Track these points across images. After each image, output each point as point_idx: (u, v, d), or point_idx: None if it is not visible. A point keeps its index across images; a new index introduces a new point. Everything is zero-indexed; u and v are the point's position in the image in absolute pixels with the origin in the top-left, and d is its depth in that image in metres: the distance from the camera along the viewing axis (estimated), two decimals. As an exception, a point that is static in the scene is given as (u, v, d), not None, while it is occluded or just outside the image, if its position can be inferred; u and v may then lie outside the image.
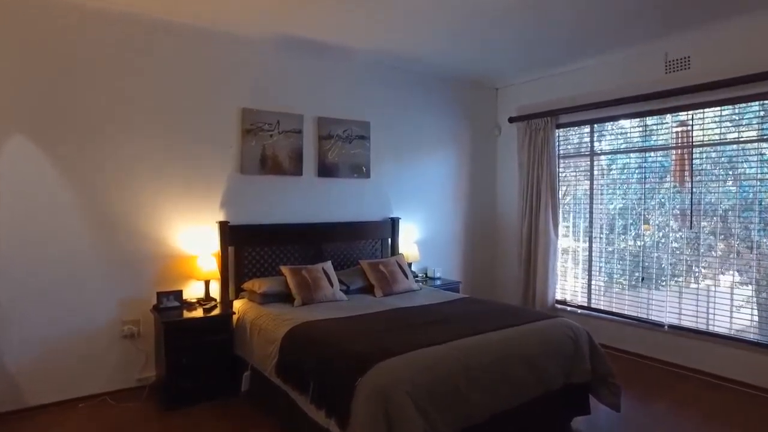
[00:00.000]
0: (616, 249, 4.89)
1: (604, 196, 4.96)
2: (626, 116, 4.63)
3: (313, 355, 2.73)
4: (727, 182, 4.10)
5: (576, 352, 3.05)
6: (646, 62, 4.38)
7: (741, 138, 4.00)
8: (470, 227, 5.71)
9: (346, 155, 4.67)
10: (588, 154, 5.05)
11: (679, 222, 4.39)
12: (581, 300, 5.13)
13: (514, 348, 2.80)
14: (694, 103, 4.14)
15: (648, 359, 4.39)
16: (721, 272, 4.17)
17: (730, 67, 3.84)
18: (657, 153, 4.53)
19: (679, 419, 3.30)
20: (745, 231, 4.01)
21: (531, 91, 5.45)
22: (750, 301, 4.04)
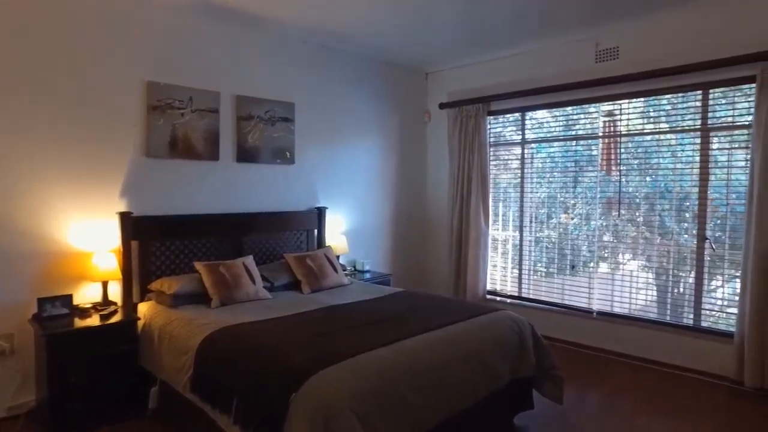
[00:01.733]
0: (546, 238, 4.90)
1: (535, 185, 4.95)
2: (557, 104, 4.62)
3: (237, 366, 2.34)
4: (648, 172, 4.20)
5: (521, 346, 2.91)
6: (578, 51, 4.37)
7: (663, 129, 4.11)
8: (400, 217, 5.49)
9: (268, 139, 4.23)
10: (519, 142, 5.00)
11: (607, 210, 4.45)
12: (511, 290, 5.11)
13: (460, 346, 2.59)
14: (621, 93, 4.19)
15: (579, 346, 4.42)
16: (644, 258, 4.28)
17: (654, 59, 3.90)
18: (586, 142, 4.56)
19: (618, 404, 3.31)
20: (664, 218, 4.14)
21: (462, 77, 5.31)
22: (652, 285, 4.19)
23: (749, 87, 3.59)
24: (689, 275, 4.02)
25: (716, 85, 3.74)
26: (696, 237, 3.92)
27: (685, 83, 3.83)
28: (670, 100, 4.06)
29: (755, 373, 3.46)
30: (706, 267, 3.90)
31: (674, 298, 4.16)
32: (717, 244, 3.84)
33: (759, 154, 3.43)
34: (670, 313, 4.16)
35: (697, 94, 3.86)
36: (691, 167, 3.95)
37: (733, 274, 3.79)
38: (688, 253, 3.99)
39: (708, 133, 3.84)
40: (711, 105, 3.82)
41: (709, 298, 3.93)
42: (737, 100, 3.74)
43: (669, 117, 4.11)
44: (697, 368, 3.80)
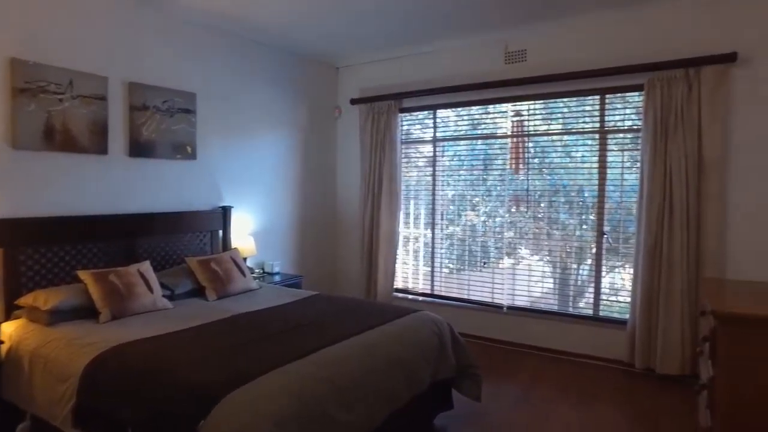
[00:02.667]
0: (456, 235, 4.97)
1: (447, 183, 4.99)
2: (468, 103, 4.69)
3: (131, 393, 2.04)
4: (552, 170, 4.40)
5: (441, 348, 2.88)
6: (488, 51, 4.46)
7: (566, 130, 4.33)
8: (310, 215, 5.28)
9: (166, 131, 3.83)
10: (431, 140, 5.02)
11: (514, 207, 4.61)
12: (423, 288, 5.12)
13: (383, 352, 2.49)
14: (528, 94, 4.35)
15: (491, 341, 4.53)
16: (548, 253, 4.49)
17: (559, 63, 4.08)
18: (495, 141, 4.68)
19: (532, 396, 3.41)
20: (566, 215, 4.36)
21: (374, 73, 5.22)
22: (556, 279, 4.44)
23: (639, 94, 3.86)
24: (588, 268, 4.28)
25: (612, 91, 3.99)
26: (594, 232, 4.17)
27: (586, 88, 4.05)
28: (571, 103, 4.28)
29: (644, 355, 3.75)
30: (603, 260, 4.17)
31: (575, 290, 4.41)
32: (612, 238, 4.12)
33: (648, 156, 3.71)
34: (572, 305, 4.40)
35: (596, 99, 4.10)
36: (590, 167, 4.19)
37: (626, 266, 4.09)
38: (588, 247, 4.25)
39: (605, 135, 4.10)
40: (608, 109, 4.08)
41: (606, 289, 4.20)
42: (629, 105, 4.03)
43: (571, 119, 4.32)
44: (597, 355, 4.05)
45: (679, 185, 3.58)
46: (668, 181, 3.64)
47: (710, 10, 3.54)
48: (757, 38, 3.39)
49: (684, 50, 3.56)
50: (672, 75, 3.58)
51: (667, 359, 3.62)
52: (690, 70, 3.54)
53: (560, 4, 3.64)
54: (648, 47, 3.73)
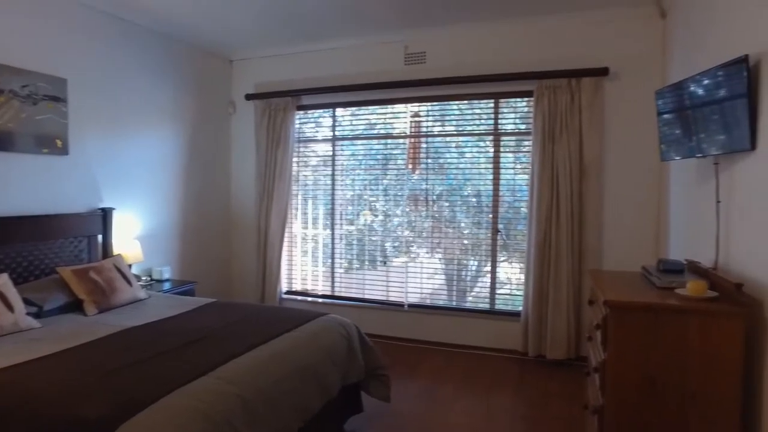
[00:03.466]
0: (355, 234, 4.95)
1: (345, 182, 4.95)
2: (368, 103, 4.68)
3: (-6, 433, 1.71)
4: (449, 171, 4.55)
5: (350, 351, 2.82)
6: (389, 52, 4.49)
7: (462, 131, 4.50)
8: (203, 217, 4.93)
9: (28, 121, 3.32)
10: (330, 139, 4.93)
11: (413, 206, 4.70)
12: (324, 289, 5.03)
13: (292, 361, 2.37)
14: (427, 96, 4.45)
15: (394, 339, 4.56)
16: (447, 251, 4.64)
17: (456, 66, 4.23)
18: (394, 141, 4.73)
19: (437, 392, 3.48)
20: (463, 214, 4.55)
21: (271, 68, 5.00)
22: (455, 276, 4.63)
23: (529, 99, 4.13)
24: (484, 265, 4.49)
25: (505, 95, 4.23)
26: (489, 230, 4.39)
27: (481, 92, 4.24)
28: (466, 106, 4.45)
29: (536, 343, 4.02)
30: (498, 256, 4.40)
31: (472, 286, 4.61)
32: (506, 235, 4.36)
33: (537, 158, 3.98)
34: (470, 301, 4.59)
35: (490, 102, 4.31)
36: (485, 167, 4.40)
37: (519, 261, 4.35)
38: (483, 244, 4.45)
39: (499, 138, 4.32)
40: (501, 113, 4.31)
41: (501, 284, 4.44)
42: (520, 110, 4.29)
43: (467, 121, 4.50)
44: (495, 346, 4.26)
45: (565, 185, 3.88)
46: (555, 181, 3.93)
47: (588, 29, 3.90)
48: (623, 57, 3.81)
49: (568, 62, 3.87)
50: (557, 84, 3.88)
51: (556, 345, 3.91)
52: (572, 80, 3.85)
53: (458, 9, 3.77)
54: (537, 57, 4.00)
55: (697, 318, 1.95)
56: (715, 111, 2.29)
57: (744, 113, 2.06)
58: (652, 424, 2.03)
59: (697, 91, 2.44)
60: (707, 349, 1.95)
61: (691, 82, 2.47)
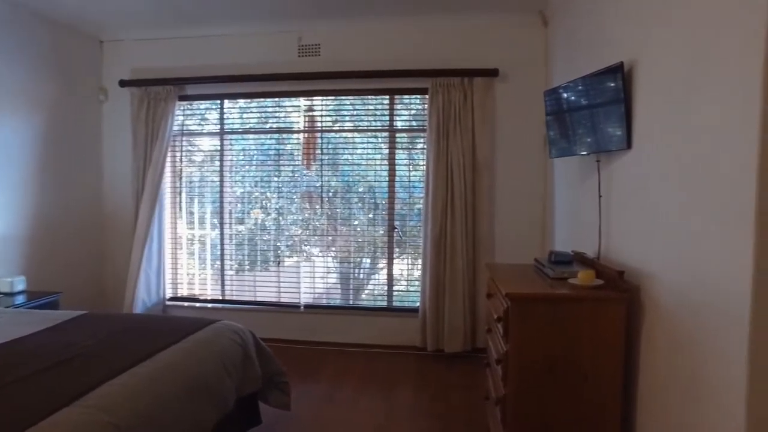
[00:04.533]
0: (247, 234, 4.68)
1: (235, 179, 4.65)
2: (259, 95, 4.44)
3: None
4: (344, 167, 4.48)
5: (245, 359, 2.61)
6: (282, 42, 4.28)
7: (358, 127, 4.45)
8: (68, 218, 4.32)
9: None
10: (218, 132, 4.60)
11: (307, 204, 4.55)
12: (213, 293, 4.69)
13: (179, 377, 2.11)
14: (322, 90, 4.32)
15: (291, 342, 4.37)
16: (342, 249, 4.55)
17: (352, 61, 4.15)
18: (288, 136, 4.55)
19: (338, 393, 3.39)
20: (358, 211, 4.50)
21: (150, 52, 4.53)
22: (351, 274, 4.59)
23: (423, 97, 4.18)
24: (381, 262, 4.48)
25: (400, 92, 4.24)
26: (385, 227, 4.39)
27: (377, 87, 4.21)
28: (364, 101, 4.41)
29: (434, 338, 4.09)
30: (395, 253, 4.41)
31: (369, 284, 4.58)
32: (402, 231, 4.39)
33: (432, 155, 4.04)
34: (367, 299, 4.55)
35: (385, 99, 4.30)
36: (380, 164, 4.38)
37: (416, 258, 4.40)
38: (379, 242, 4.44)
39: (394, 134, 4.33)
40: (397, 109, 4.32)
41: (398, 280, 4.46)
42: (416, 106, 4.34)
43: (363, 117, 4.45)
44: (394, 344, 4.26)
45: (459, 181, 3.99)
46: (450, 177, 4.02)
47: (479, 32, 4.05)
48: (511, 60, 4.01)
49: (461, 61, 3.99)
50: (451, 82, 3.97)
51: (453, 339, 4.01)
52: (465, 79, 3.97)
53: (353, 3, 3.70)
54: (432, 55, 4.06)
55: (589, 305, 2.08)
56: (596, 113, 2.47)
57: (621, 115, 2.23)
58: (551, 408, 2.12)
59: (579, 94, 2.61)
60: (596, 332, 2.08)
61: (574, 86, 2.64)
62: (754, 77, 1.39)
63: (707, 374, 1.61)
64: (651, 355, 2.03)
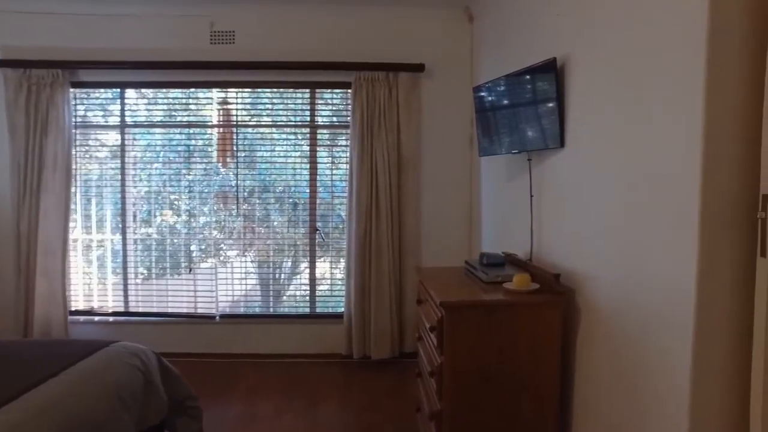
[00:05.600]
0: (154, 238, 4.23)
1: (140, 177, 4.18)
2: (167, 84, 4.01)
3: None
4: (263, 165, 4.16)
5: (148, 387, 2.26)
6: (192, 27, 3.86)
7: (277, 122, 4.15)
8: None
9: None
10: (118, 125, 4.09)
11: (222, 204, 4.19)
12: (114, 305, 4.17)
13: (58, 419, 1.74)
14: (237, 81, 3.99)
15: (205, 356, 3.97)
16: (261, 253, 4.24)
17: (270, 51, 3.85)
18: (200, 130, 4.15)
19: (259, 410, 3.12)
20: (278, 211, 4.21)
21: (30, 28, 3.89)
22: (270, 280, 4.31)
23: (347, 91, 3.98)
24: (302, 266, 4.22)
25: (322, 86, 4.01)
26: (307, 229, 4.13)
27: (297, 80, 3.95)
28: (283, 95, 4.12)
29: (360, 344, 3.90)
30: (317, 256, 4.17)
31: (290, 290, 4.31)
32: (324, 233, 4.15)
33: (356, 152, 3.85)
34: (289, 305, 4.27)
35: (306, 92, 4.04)
36: (301, 162, 4.12)
37: (338, 260, 4.19)
38: (301, 244, 4.18)
39: (315, 130, 4.08)
40: (318, 103, 4.08)
41: (321, 285, 4.22)
42: (338, 102, 4.12)
43: (282, 111, 4.16)
44: (318, 352, 4.01)
45: (384, 180, 3.83)
46: (374, 176, 3.85)
47: (404, 25, 3.91)
48: (437, 55, 3.90)
49: (386, 55, 3.82)
50: (375, 76, 3.80)
51: (380, 345, 3.85)
52: (390, 74, 3.81)
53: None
54: (356, 48, 3.86)
55: (526, 310, 1.98)
56: (528, 110, 2.40)
57: (553, 113, 2.16)
58: (490, 421, 2.01)
59: (510, 90, 2.54)
60: (534, 339, 2.00)
61: (504, 82, 2.55)
62: (698, 71, 1.32)
63: (649, 381, 1.55)
64: (588, 361, 1.97)
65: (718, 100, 1.30)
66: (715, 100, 1.30)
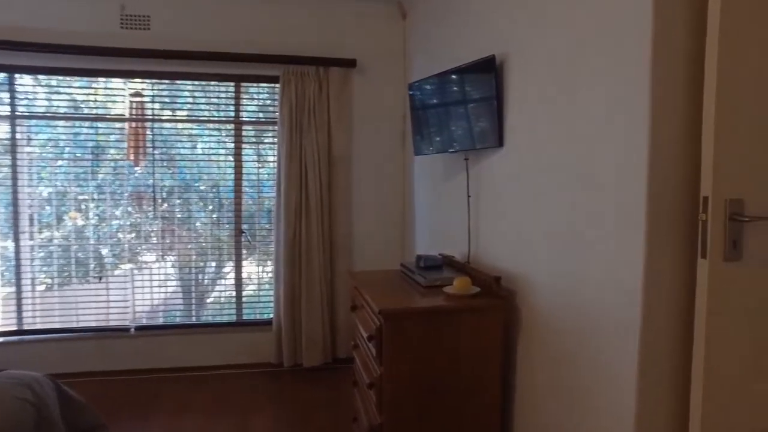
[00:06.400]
0: (58, 244, 3.78)
1: (39, 176, 3.71)
2: (69, 72, 3.58)
3: None
4: (182, 163, 3.85)
5: (42, 422, 1.95)
6: (99, 8, 3.47)
7: (198, 117, 3.85)
8: None
9: None
10: (8, 116, 3.60)
11: (137, 206, 3.82)
12: (5, 323, 3.67)
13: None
14: (152, 71, 3.65)
15: (120, 374, 3.59)
16: (181, 257, 3.92)
17: (189, 40, 3.56)
18: (110, 125, 3.75)
19: (186, 428, 2.87)
20: (199, 213, 3.92)
21: None
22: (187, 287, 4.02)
23: (274, 86, 3.76)
24: (228, 271, 3.95)
25: (248, 79, 3.76)
26: (232, 231, 3.87)
27: (220, 72, 3.68)
28: (205, 88, 3.82)
29: (291, 352, 3.70)
30: (244, 260, 3.92)
31: (215, 297, 4.03)
32: (251, 235, 3.91)
33: (284, 150, 3.64)
34: (213, 313, 3.98)
35: (230, 86, 3.77)
36: (225, 160, 3.85)
37: (267, 264, 3.96)
38: (225, 248, 3.91)
39: (241, 127, 3.83)
40: (244, 98, 3.82)
41: (248, 290, 3.98)
42: (265, 96, 3.89)
43: (204, 106, 3.86)
44: (246, 362, 3.78)
45: (314, 179, 3.66)
46: (304, 175, 3.67)
47: (336, 19, 3.76)
48: (369, 51, 3.79)
49: (316, 49, 3.66)
50: (305, 71, 3.62)
51: (312, 352, 3.67)
52: (320, 68, 3.65)
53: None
54: (284, 40, 3.66)
55: (468, 316, 1.91)
56: (465, 108, 2.33)
57: (492, 111, 2.11)
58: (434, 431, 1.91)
59: (447, 87, 2.47)
60: (476, 344, 1.93)
61: (441, 79, 2.48)
62: (643, 68, 1.29)
63: (593, 385, 1.52)
64: (529, 366, 1.93)
65: (663, 101, 1.28)
66: (660, 101, 1.27)
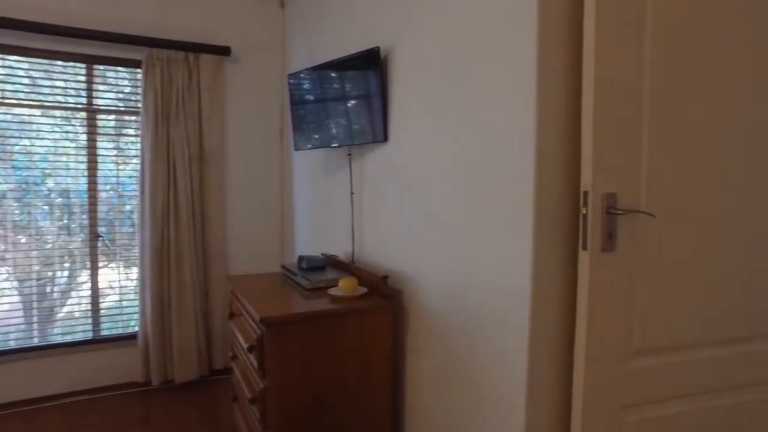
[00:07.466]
0: None
1: None
2: None
3: None
4: (18, 157, 3.27)
5: None
6: None
7: (40, 103, 3.29)
8: None
9: None
10: None
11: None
12: None
13: None
14: (-26, 45, 3.04)
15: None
16: (19, 269, 3.33)
17: (30, 7, 3.01)
18: None
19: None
20: (44, 216, 3.37)
21: None
22: (28, 303, 3.48)
23: (136, 71, 3.35)
24: (81, 282, 3.44)
25: (104, 61, 3.30)
26: (87, 235, 3.39)
27: (69, 51, 3.17)
28: (49, 68, 3.27)
29: (161, 368, 3.34)
30: (101, 269, 3.45)
31: (65, 312, 3.48)
32: (110, 240, 3.46)
33: (149, 143, 3.27)
34: (63, 331, 3.44)
35: (81, 67, 3.28)
36: (76, 154, 3.35)
37: (129, 272, 3.53)
38: (79, 256, 3.41)
39: (95, 117, 3.36)
40: (98, 83, 3.35)
41: (107, 302, 3.51)
42: (125, 83, 3.45)
43: (48, 90, 3.30)
44: (107, 384, 3.33)
45: (184, 176, 3.34)
46: (172, 171, 3.33)
47: (209, 4, 3.46)
48: (245, 39, 3.55)
49: (186, 33, 3.33)
50: (172, 56, 3.27)
51: (186, 365, 3.35)
52: (190, 54, 3.33)
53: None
54: (149, 20, 3.27)
55: (356, 318, 1.83)
56: (348, 101, 2.25)
57: (376, 104, 2.06)
58: (320, 446, 1.80)
59: (328, 79, 2.37)
60: (363, 347, 1.86)
61: (322, 71, 2.37)
62: (528, 63, 1.31)
63: (484, 381, 1.53)
64: (417, 368, 1.91)
65: (547, 99, 1.30)
66: (544, 98, 1.30)
